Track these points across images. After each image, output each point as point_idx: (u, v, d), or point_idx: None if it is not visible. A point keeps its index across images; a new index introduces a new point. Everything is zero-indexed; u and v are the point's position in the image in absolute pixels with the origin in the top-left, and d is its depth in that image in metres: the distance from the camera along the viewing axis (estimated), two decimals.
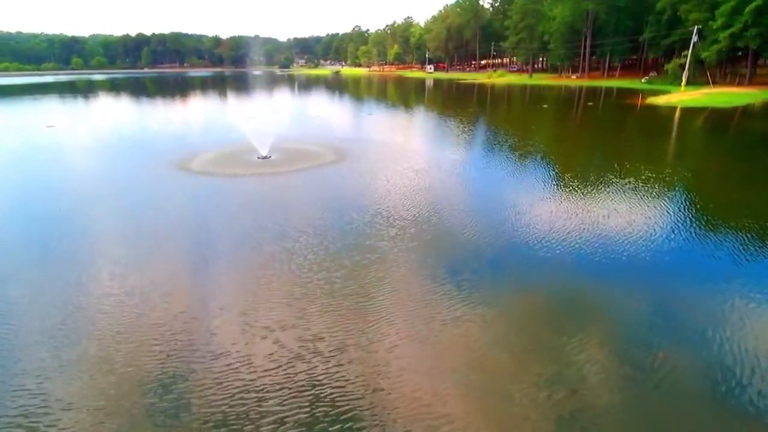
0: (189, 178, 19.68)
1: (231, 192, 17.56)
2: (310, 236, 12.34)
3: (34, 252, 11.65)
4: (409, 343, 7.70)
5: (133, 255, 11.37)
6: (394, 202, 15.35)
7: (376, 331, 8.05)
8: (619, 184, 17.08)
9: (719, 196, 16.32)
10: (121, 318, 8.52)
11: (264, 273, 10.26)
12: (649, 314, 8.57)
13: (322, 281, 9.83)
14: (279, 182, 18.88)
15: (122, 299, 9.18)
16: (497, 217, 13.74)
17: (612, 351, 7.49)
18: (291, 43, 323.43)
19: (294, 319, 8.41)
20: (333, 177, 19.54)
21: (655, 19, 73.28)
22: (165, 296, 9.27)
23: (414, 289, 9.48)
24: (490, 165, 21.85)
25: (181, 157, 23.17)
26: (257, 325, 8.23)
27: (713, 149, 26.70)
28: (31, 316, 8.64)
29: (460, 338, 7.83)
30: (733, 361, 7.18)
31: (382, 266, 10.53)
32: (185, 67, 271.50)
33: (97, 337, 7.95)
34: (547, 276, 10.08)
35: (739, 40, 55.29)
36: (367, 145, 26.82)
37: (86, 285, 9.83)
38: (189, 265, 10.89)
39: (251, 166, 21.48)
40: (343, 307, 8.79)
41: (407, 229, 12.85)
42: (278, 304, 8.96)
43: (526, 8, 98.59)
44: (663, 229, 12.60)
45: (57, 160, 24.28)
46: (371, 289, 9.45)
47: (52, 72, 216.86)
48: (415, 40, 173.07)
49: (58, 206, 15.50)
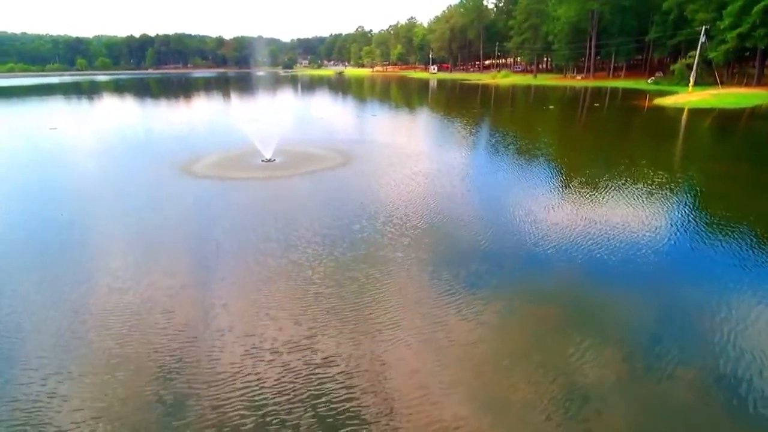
0: (192, 182, 19.36)
1: (234, 198, 17.24)
2: (318, 246, 11.95)
3: (34, 256, 11.35)
4: (428, 368, 7.34)
5: (133, 266, 11.05)
6: (405, 209, 14.96)
7: (390, 354, 7.67)
8: (633, 190, 16.65)
9: (735, 202, 15.86)
10: (121, 336, 8.19)
11: (269, 288, 9.90)
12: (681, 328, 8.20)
13: (332, 297, 9.46)
14: (283, 187, 18.52)
15: (118, 317, 8.86)
16: (512, 226, 13.33)
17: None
18: (294, 44, 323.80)
19: (303, 339, 8.03)
20: (339, 182, 19.17)
21: (661, 19, 72.63)
22: (165, 314, 8.92)
23: (431, 309, 9.07)
24: (499, 170, 21.45)
25: (184, 160, 22.88)
26: (264, 347, 7.87)
27: (724, 152, 26.20)
28: (22, 324, 8.34)
29: (480, 365, 7.47)
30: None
31: (395, 280, 10.12)
32: (189, 67, 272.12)
33: (92, 362, 7.62)
34: (569, 287, 9.70)
35: (747, 41, 54.64)
36: (372, 147, 26.49)
37: (81, 300, 9.51)
38: (189, 279, 10.50)
39: (255, 170, 21.17)
40: (356, 331, 8.31)
41: (421, 239, 12.40)
42: (286, 323, 8.56)
43: (531, 8, 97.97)
44: (683, 238, 12.20)
45: (58, 163, 24.01)
46: (385, 308, 9.01)
47: (56, 73, 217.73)
48: (419, 41, 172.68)
49: (60, 213, 15.19)
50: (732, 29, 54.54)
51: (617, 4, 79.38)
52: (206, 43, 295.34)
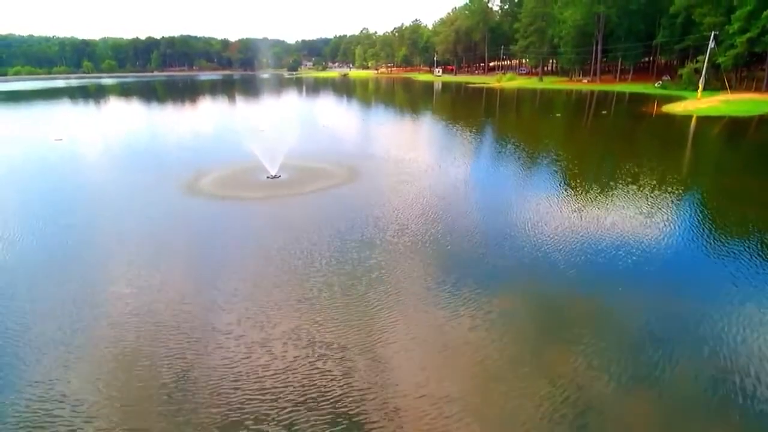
0: (196, 203, 19.17)
1: (240, 221, 17.02)
2: (334, 287, 11.26)
3: (35, 274, 11.23)
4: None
5: (132, 296, 10.89)
6: (422, 236, 14.56)
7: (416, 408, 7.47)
8: (647, 210, 16.34)
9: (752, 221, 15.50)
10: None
11: (282, 332, 9.71)
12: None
13: (352, 343, 9.25)
14: (290, 208, 18.28)
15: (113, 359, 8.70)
16: (544, 256, 12.92)
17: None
18: (299, 45, 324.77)
19: (319, 396, 7.85)
20: (348, 202, 18.82)
21: (668, 22, 71.92)
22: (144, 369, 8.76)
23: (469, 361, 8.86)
24: (515, 188, 21.07)
25: (188, 177, 22.74)
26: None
27: (737, 165, 25.76)
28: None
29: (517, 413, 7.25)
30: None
31: (421, 329, 9.57)
32: (194, 69, 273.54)
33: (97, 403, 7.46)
34: (600, 319, 9.47)
35: (756, 45, 54.00)
36: (378, 162, 26.19)
37: (74, 337, 9.37)
38: (191, 318, 10.32)
39: (261, 188, 20.99)
40: (378, 385, 8.13)
41: (446, 277, 11.72)
42: (299, 376, 8.31)
43: (536, 11, 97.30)
44: (705, 264, 11.92)
45: (62, 182, 23.84)
46: (415, 367, 8.49)
47: (63, 76, 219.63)
48: (423, 43, 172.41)
49: (66, 240, 15.07)
50: (741, 33, 53.91)
51: (624, 8, 78.75)
52: (211, 45, 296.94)
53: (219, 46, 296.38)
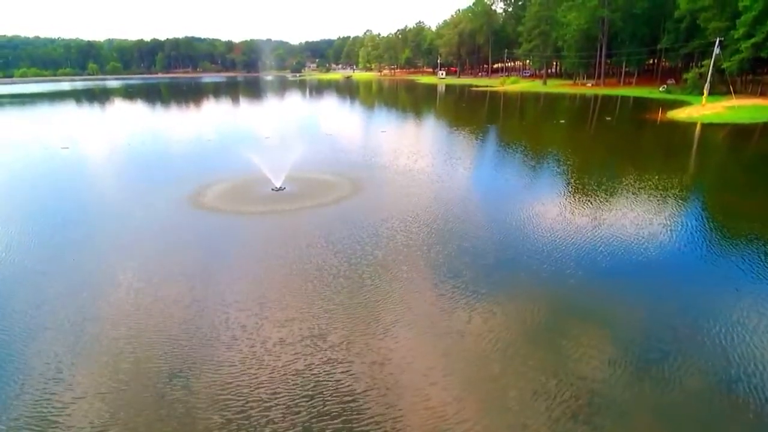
0: (200, 216, 19.30)
1: (244, 237, 17.15)
2: (339, 311, 11.33)
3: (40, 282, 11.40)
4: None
5: (133, 311, 11.04)
6: (434, 256, 14.53)
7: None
8: (654, 225, 16.38)
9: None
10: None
11: (286, 361, 9.84)
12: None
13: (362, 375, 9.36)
14: (296, 223, 18.32)
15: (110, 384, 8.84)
16: (565, 277, 12.98)
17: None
18: (302, 47, 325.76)
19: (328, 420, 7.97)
20: (354, 217, 18.71)
21: (673, 26, 71.61)
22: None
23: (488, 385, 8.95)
24: (516, 201, 21.15)
25: (193, 189, 22.85)
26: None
27: (739, 177, 25.75)
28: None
29: None
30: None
31: (434, 358, 9.62)
32: (198, 71, 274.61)
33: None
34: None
35: (762, 50, 53.73)
36: (384, 173, 26.20)
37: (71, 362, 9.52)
38: (192, 341, 10.46)
39: (265, 201, 21.09)
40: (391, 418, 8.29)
41: (457, 301, 11.76)
42: (305, 407, 8.41)
43: (540, 15, 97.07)
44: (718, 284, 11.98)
45: (68, 192, 24.09)
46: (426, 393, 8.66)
47: (68, 78, 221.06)
48: (427, 45, 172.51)
49: (72, 258, 15.23)
50: (746, 39, 53.69)
51: (628, 11, 78.47)
52: (215, 47, 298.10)
53: (223, 48, 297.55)
